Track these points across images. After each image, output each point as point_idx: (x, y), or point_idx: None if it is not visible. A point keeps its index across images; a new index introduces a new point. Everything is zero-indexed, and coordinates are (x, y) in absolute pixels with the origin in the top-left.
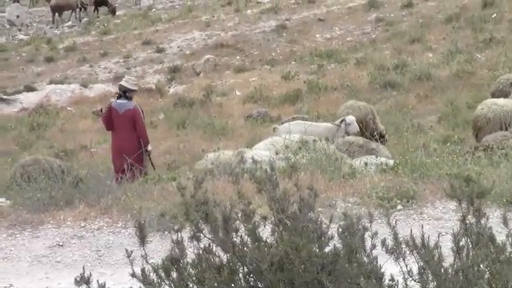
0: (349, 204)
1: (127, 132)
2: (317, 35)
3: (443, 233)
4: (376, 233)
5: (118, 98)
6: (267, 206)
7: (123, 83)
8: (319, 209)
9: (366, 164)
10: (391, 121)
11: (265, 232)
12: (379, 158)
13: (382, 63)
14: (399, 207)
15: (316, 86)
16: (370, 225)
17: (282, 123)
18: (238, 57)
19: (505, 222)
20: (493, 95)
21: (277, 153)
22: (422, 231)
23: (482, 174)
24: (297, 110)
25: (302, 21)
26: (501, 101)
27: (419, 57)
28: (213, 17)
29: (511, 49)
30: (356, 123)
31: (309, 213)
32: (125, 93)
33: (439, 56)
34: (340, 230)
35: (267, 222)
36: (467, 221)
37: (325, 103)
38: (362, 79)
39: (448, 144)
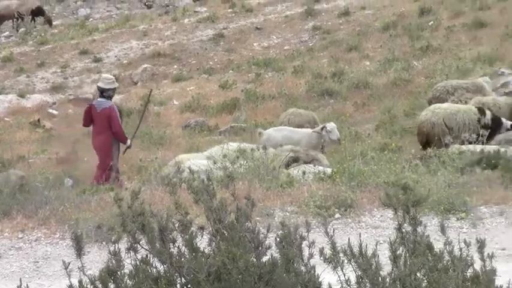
0: (287, 213)
1: (103, 130)
2: (254, 44)
3: (381, 242)
4: (313, 242)
5: (100, 97)
6: (204, 216)
7: (99, 83)
8: (257, 218)
9: (303, 172)
10: None
11: (203, 242)
12: (316, 166)
13: (319, 72)
14: (337, 215)
15: (253, 94)
16: (308, 235)
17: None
18: (175, 67)
19: (442, 230)
20: (430, 102)
21: (215, 163)
22: (360, 240)
23: (420, 182)
24: (234, 118)
25: (239, 29)
26: (444, 104)
27: (357, 65)
28: (150, 26)
29: (448, 57)
30: (337, 130)
31: (246, 223)
32: (102, 93)
33: (376, 64)
34: (278, 239)
35: (204, 233)
36: (404, 229)
37: (262, 112)
38: (300, 87)
39: (386, 152)
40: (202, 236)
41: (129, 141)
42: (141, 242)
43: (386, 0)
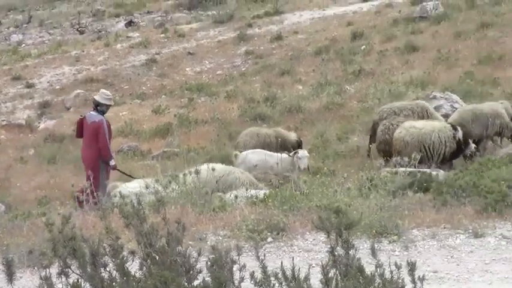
0: (220, 237)
1: (90, 143)
2: (187, 69)
3: (314, 265)
4: (244, 266)
5: (93, 110)
6: (135, 240)
7: (96, 96)
8: (190, 242)
9: (236, 196)
10: None
11: (134, 267)
12: (249, 190)
13: (252, 96)
14: (269, 239)
15: (186, 119)
16: (239, 258)
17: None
18: None
19: (373, 253)
20: (376, 124)
21: (147, 187)
22: (293, 263)
23: (352, 205)
24: (167, 143)
25: (172, 54)
26: (419, 123)
27: (289, 90)
28: (83, 51)
29: (380, 81)
30: (306, 160)
31: (177, 247)
32: (97, 106)
33: (309, 88)
34: (209, 263)
35: (135, 257)
36: (336, 253)
37: (195, 136)
38: (232, 112)
39: (318, 176)
40: (133, 260)
41: (113, 162)
42: (72, 267)
43: (319, 25)
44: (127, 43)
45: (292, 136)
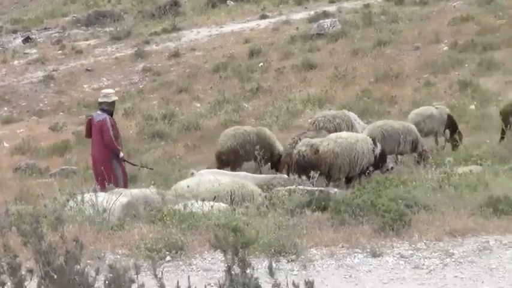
0: (118, 256)
1: (97, 141)
2: (85, 86)
3: (212, 284)
4: (143, 285)
5: (98, 110)
6: (33, 259)
7: (100, 98)
8: (88, 261)
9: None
10: (159, 171)
11: (32, 285)
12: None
13: (150, 113)
14: (168, 258)
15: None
16: (137, 277)
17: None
18: (5, 109)
19: (271, 272)
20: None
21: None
22: (189, 282)
23: (250, 224)
24: (65, 161)
25: (69, 71)
26: (344, 134)
27: (187, 107)
28: None
29: (278, 98)
30: None
31: (76, 266)
32: (101, 105)
33: (207, 106)
34: (107, 282)
35: (33, 276)
36: (233, 272)
37: None
38: (130, 129)
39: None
40: (31, 279)
41: (121, 154)
42: None
43: (216, 42)
44: (24, 59)
45: (279, 146)
